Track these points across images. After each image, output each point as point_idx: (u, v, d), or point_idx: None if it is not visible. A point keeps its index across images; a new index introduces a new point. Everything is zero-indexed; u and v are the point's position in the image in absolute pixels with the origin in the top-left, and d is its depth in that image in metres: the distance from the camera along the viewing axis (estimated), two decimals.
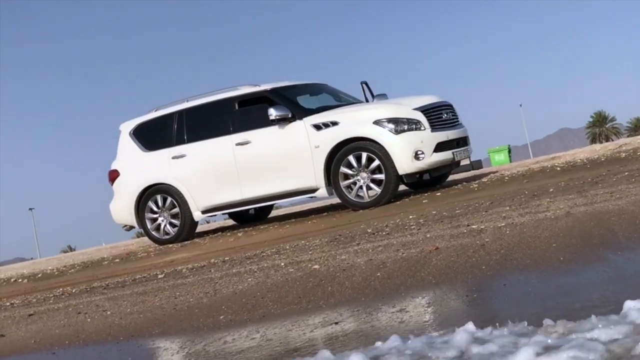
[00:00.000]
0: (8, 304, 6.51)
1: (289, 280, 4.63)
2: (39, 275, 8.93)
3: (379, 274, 4.25)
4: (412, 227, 5.67)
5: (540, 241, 4.16)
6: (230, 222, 11.34)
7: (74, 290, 6.44)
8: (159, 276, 6.10)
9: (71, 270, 8.82)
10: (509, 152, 28.83)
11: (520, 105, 70.52)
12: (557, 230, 4.32)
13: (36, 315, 5.49)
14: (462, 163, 10.55)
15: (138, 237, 20.53)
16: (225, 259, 6.28)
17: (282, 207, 15.94)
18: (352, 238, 5.77)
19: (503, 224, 4.82)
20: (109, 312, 4.96)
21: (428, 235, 5.05)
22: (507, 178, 8.64)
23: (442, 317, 3.21)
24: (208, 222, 16.16)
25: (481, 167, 20.88)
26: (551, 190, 6.24)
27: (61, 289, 6.71)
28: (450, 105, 8.72)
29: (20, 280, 8.87)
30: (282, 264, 5.24)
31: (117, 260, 8.77)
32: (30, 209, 59.71)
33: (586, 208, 4.83)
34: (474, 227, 4.96)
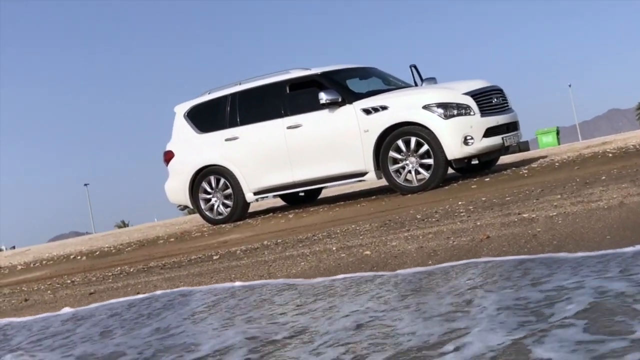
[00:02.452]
0: (69, 281, 6.78)
1: (342, 265, 4.75)
2: (97, 253, 9.23)
3: (430, 263, 4.33)
4: (462, 213, 5.73)
5: (593, 233, 4.18)
6: (280, 202, 11.50)
7: (131, 270, 6.67)
8: (214, 257, 6.28)
9: (127, 248, 9.10)
10: (557, 134, 28.38)
11: (569, 86, 68.99)
12: (611, 221, 4.33)
13: (97, 294, 5.71)
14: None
15: (189, 214, 20.90)
16: (278, 241, 6.44)
17: (331, 188, 16.03)
18: (402, 224, 5.86)
19: (555, 214, 4.84)
20: None
21: (478, 223, 5.10)
22: (557, 164, 8.60)
23: None
24: (258, 201, 16.37)
25: (528, 149, 20.58)
26: (603, 178, 6.22)
27: (119, 268, 6.96)
28: (500, 90, 8.70)
29: (79, 257, 9.18)
30: (334, 248, 5.36)
31: (172, 239, 9.01)
32: (85, 184, 61.10)
33: None
34: (525, 215, 5.00)
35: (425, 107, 8.06)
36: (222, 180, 9.27)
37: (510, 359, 2.36)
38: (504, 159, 10.65)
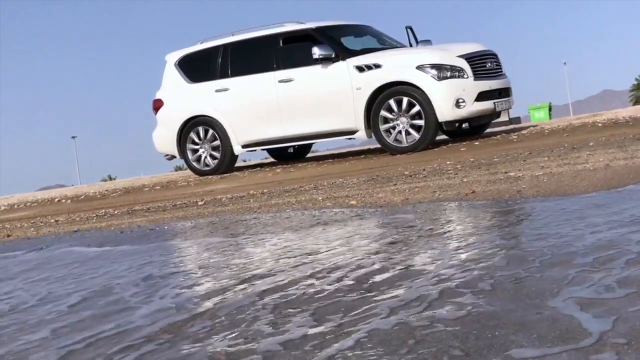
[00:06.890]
0: (53, 220, 6.77)
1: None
2: (82, 197, 9.21)
3: None
4: (450, 171, 5.75)
5: (577, 190, 4.19)
6: (269, 159, 11.50)
7: (116, 212, 6.66)
8: (199, 203, 6.28)
9: (113, 194, 9.08)
10: (550, 109, 28.43)
11: (565, 64, 68.97)
12: (595, 181, 4.36)
13: (79, 232, 5.69)
14: (502, 117, 10.49)
15: (176, 170, 20.87)
16: (264, 191, 6.44)
17: (319, 151, 16.02)
18: (389, 179, 5.88)
19: (541, 173, 4.88)
20: None
21: (465, 180, 5.12)
22: (547, 131, 8.63)
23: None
24: (245, 161, 16.36)
25: (519, 124, 20.61)
26: (591, 144, 6.25)
27: (103, 210, 6.95)
28: (495, 55, 8.67)
29: (64, 200, 9.16)
30: (320, 198, 5.37)
31: (157, 187, 9.00)
32: (72, 137, 60.88)
33: (626, 162, 4.84)
34: (511, 174, 5.03)
35: (419, 68, 8.03)
36: (211, 132, 9.23)
37: None
38: (494, 128, 10.66)
